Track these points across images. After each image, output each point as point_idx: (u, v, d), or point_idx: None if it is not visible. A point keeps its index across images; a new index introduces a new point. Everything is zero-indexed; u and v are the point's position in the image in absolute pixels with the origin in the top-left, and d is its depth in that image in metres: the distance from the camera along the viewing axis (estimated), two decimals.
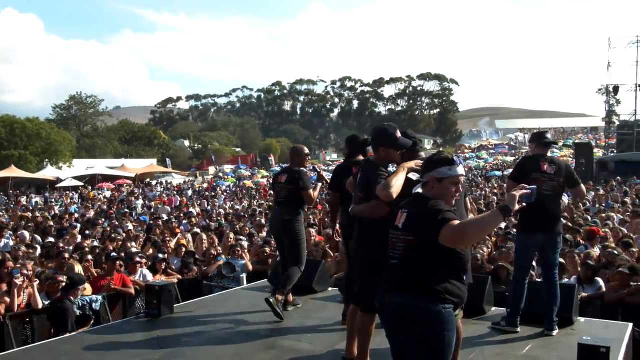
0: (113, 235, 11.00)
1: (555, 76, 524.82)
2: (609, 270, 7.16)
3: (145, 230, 13.03)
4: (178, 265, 8.98)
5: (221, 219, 15.40)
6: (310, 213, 13.35)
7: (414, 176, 3.27)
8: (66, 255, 8.01)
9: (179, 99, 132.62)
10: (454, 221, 2.88)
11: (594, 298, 6.68)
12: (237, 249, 9.02)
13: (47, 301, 6.51)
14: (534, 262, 6.08)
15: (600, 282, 6.89)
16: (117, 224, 14.05)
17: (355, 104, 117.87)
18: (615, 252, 7.63)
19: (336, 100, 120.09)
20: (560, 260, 5.99)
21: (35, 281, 6.41)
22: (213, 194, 30.60)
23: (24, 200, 28.66)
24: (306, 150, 6.20)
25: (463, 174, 3.19)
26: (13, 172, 37.40)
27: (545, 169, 5.15)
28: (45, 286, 6.76)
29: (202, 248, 10.07)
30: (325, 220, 12.50)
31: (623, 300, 6.45)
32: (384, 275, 3.27)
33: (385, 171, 4.04)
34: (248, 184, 39.13)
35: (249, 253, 9.39)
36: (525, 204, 2.98)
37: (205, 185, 39.16)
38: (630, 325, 5.36)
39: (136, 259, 7.98)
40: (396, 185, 3.78)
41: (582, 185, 5.55)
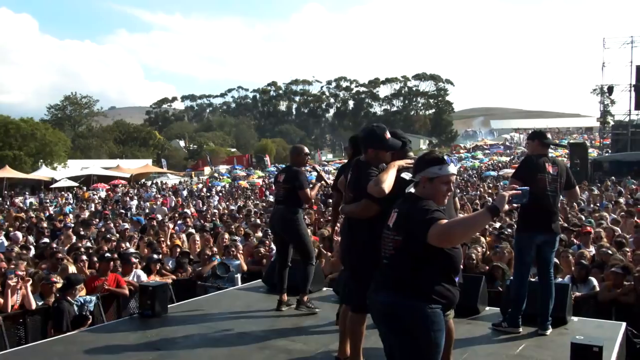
0: (108, 236, 10.96)
1: (550, 76, 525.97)
2: (599, 269, 7.20)
3: (139, 231, 12.99)
4: (173, 265, 8.96)
5: (216, 219, 15.37)
6: (305, 214, 13.29)
7: (406, 176, 3.26)
8: (59, 255, 7.98)
9: (174, 99, 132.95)
10: (441, 220, 2.87)
11: (587, 297, 6.70)
12: (232, 250, 9.01)
13: (41, 302, 6.48)
14: None
15: (594, 282, 6.91)
16: (112, 224, 13.99)
17: (351, 104, 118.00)
18: (609, 252, 7.66)
19: (331, 100, 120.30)
20: (554, 260, 6.00)
21: (27, 281, 6.38)
22: (208, 194, 30.53)
23: (19, 200, 28.54)
24: (306, 150, 6.26)
25: (454, 173, 3.19)
26: (7, 173, 37.23)
27: (550, 169, 5.18)
28: (38, 287, 6.73)
29: (195, 249, 10.05)
30: (320, 220, 12.50)
31: (616, 300, 6.48)
32: (375, 274, 3.26)
33: (375, 170, 4.02)
34: (243, 184, 39.11)
35: (243, 252, 9.37)
36: (515, 205, 2.98)
37: (200, 186, 39.09)
38: (624, 324, 5.39)
39: (132, 259, 7.96)
40: (388, 180, 3.78)
41: (577, 188, 5.61)
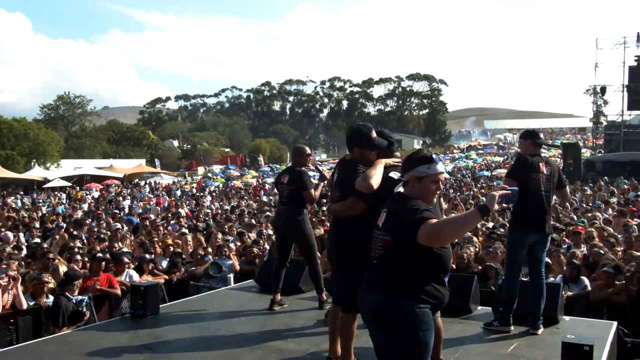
0: (102, 236, 10.92)
1: (543, 77, 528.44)
2: (590, 269, 7.24)
3: (131, 231, 12.96)
4: (167, 265, 8.93)
5: (209, 219, 15.34)
6: None
7: (395, 175, 3.26)
8: (50, 255, 7.94)
9: (167, 99, 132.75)
10: (431, 220, 2.86)
11: (579, 297, 6.73)
12: (225, 249, 9.00)
13: (32, 302, 6.45)
14: None
15: (586, 281, 6.95)
16: (104, 224, 13.94)
17: (345, 104, 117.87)
18: (601, 252, 7.69)
19: (325, 100, 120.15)
20: (546, 259, 6.02)
21: (18, 280, 6.33)
22: (201, 194, 30.45)
23: (11, 200, 28.38)
24: (307, 150, 6.28)
25: (442, 172, 3.18)
26: (0, 173, 37.10)
27: (544, 169, 5.20)
28: (29, 287, 6.70)
29: (187, 249, 10.02)
30: (313, 219, 12.48)
31: (608, 299, 6.52)
32: (364, 274, 3.25)
33: (362, 168, 4.02)
34: (237, 184, 39.03)
35: (235, 251, 9.35)
36: (505, 205, 2.99)
37: (194, 186, 38.99)
38: (615, 323, 5.42)
39: (124, 259, 7.93)
40: (375, 176, 3.78)
41: (568, 187, 5.64)
